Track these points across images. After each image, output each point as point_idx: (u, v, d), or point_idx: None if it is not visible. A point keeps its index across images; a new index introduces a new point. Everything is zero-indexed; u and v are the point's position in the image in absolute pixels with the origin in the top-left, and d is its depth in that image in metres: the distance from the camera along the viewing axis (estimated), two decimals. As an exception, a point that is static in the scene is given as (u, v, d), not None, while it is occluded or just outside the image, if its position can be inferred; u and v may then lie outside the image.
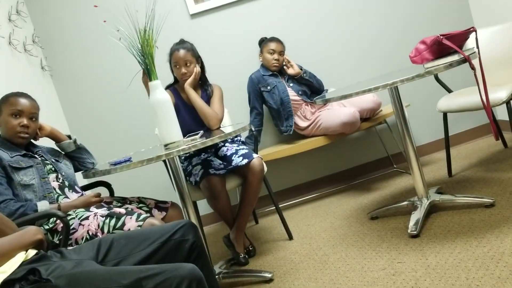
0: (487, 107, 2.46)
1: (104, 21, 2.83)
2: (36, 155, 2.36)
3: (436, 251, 2.33)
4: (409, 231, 2.58)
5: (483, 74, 2.47)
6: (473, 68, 2.37)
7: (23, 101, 2.30)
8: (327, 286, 2.32)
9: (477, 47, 2.55)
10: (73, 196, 2.34)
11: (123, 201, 2.51)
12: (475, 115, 3.90)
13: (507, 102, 2.86)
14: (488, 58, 3.17)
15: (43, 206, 2.14)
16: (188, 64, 2.90)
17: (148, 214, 2.26)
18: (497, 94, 2.85)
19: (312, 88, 3.69)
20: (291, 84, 3.66)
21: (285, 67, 3.65)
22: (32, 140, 2.43)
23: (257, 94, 3.65)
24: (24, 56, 3.37)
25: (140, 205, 2.49)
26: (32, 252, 1.59)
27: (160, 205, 2.54)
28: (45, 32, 3.72)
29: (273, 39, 3.65)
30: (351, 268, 2.43)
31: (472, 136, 4.06)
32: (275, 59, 3.62)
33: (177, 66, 2.91)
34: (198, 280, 1.43)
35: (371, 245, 2.63)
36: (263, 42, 3.72)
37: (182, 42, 2.96)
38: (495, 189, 2.86)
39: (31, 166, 2.27)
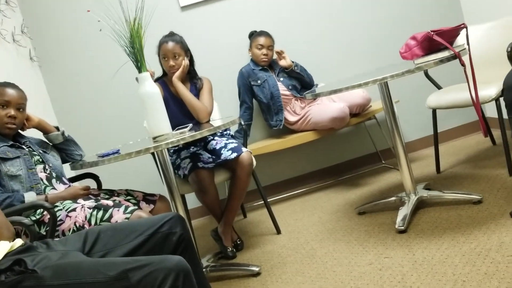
0: (476, 104, 2.47)
1: (88, 11, 2.80)
2: (23, 146, 2.33)
3: (423, 246, 2.34)
4: (396, 226, 2.59)
5: (473, 71, 2.48)
6: (463, 64, 2.37)
7: (10, 91, 2.28)
8: (314, 280, 2.32)
9: (468, 43, 2.56)
10: (60, 188, 2.32)
11: (111, 193, 2.49)
12: (464, 112, 3.92)
13: (496, 99, 2.88)
14: (478, 55, 3.18)
15: (30, 197, 2.12)
16: (176, 57, 2.88)
17: (136, 207, 2.25)
18: (487, 91, 2.86)
19: (302, 82, 3.68)
20: (282, 79, 3.65)
21: (277, 58, 3.63)
22: (19, 131, 2.41)
23: (247, 88, 3.64)
24: (13, 46, 3.33)
25: (128, 197, 2.48)
26: (18, 243, 1.58)
27: (148, 198, 2.53)
28: (34, 23, 3.68)
29: (262, 33, 3.63)
30: (338, 262, 2.43)
31: (461, 133, 4.08)
32: (264, 54, 3.60)
33: (166, 59, 2.89)
34: (185, 272, 1.43)
35: (359, 240, 2.63)
36: (252, 36, 3.70)
37: (171, 35, 2.94)
38: (483, 185, 2.88)
39: (18, 157, 2.24)
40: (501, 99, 2.85)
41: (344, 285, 2.19)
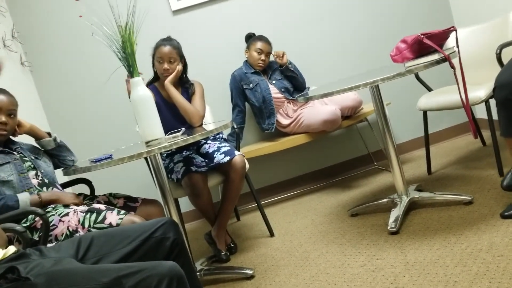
0: (466, 106, 2.49)
1: (80, 16, 2.80)
2: (14, 152, 2.32)
3: (415, 247, 2.36)
4: (388, 228, 2.61)
5: (463, 73, 2.50)
6: (453, 67, 2.39)
7: (0, 97, 2.27)
8: (307, 282, 2.34)
9: (457, 46, 2.58)
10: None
11: (92, 201, 2.48)
12: (455, 113, 3.94)
13: (486, 101, 2.90)
14: (468, 57, 3.20)
15: (23, 197, 2.11)
16: (172, 61, 2.89)
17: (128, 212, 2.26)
18: (476, 93, 2.88)
19: (295, 83, 3.69)
20: (274, 81, 3.66)
21: (275, 58, 3.63)
22: (11, 137, 2.40)
23: (239, 92, 3.64)
24: (4, 51, 3.33)
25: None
26: (10, 250, 1.58)
27: (129, 204, 2.51)
28: (24, 27, 3.67)
29: (262, 39, 3.64)
30: (332, 264, 2.44)
31: (451, 134, 4.11)
32: (262, 60, 3.61)
33: (161, 62, 2.89)
34: (178, 277, 1.43)
35: (351, 241, 2.65)
36: (250, 38, 3.70)
37: (169, 39, 2.95)
38: (474, 186, 2.90)
39: (8, 163, 2.23)
40: (491, 100, 2.88)
41: (337, 287, 2.20)
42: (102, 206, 2.22)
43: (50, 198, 2.22)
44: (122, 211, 2.18)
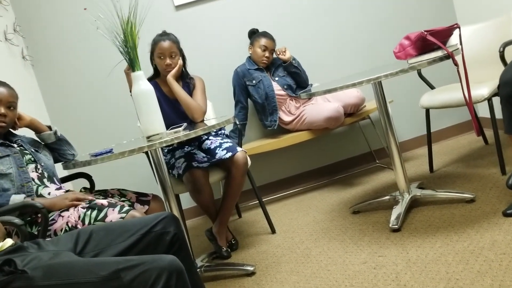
0: (469, 104, 2.48)
1: (85, 9, 2.79)
2: (13, 144, 2.31)
3: (417, 245, 2.34)
4: (390, 225, 2.60)
5: (466, 71, 2.49)
6: (456, 64, 2.38)
7: (0, 89, 2.26)
8: (308, 279, 2.32)
9: (461, 43, 2.57)
10: (52, 187, 2.30)
11: (105, 194, 2.48)
12: (457, 111, 3.93)
13: (489, 99, 2.89)
14: (471, 55, 3.19)
15: (17, 199, 2.09)
16: (173, 56, 2.87)
17: (131, 207, 2.24)
18: (479, 91, 2.87)
19: (298, 79, 3.67)
20: (277, 78, 3.65)
21: (278, 54, 3.62)
22: (11, 130, 2.39)
23: (242, 88, 3.63)
24: (5, 45, 3.32)
25: (122, 199, 2.47)
26: (8, 243, 1.57)
27: (142, 199, 2.51)
28: (26, 21, 3.66)
29: (266, 35, 3.62)
30: (333, 261, 2.43)
31: (454, 133, 4.10)
32: (266, 57, 3.60)
33: (162, 57, 2.87)
34: (178, 271, 1.42)
35: (353, 239, 2.64)
36: (254, 34, 3.69)
37: (166, 34, 2.94)
38: (476, 184, 2.89)
39: (7, 155, 2.22)
40: (494, 99, 2.86)
41: (338, 284, 2.19)
42: (104, 202, 2.21)
43: (44, 204, 2.19)
44: (125, 208, 2.16)
